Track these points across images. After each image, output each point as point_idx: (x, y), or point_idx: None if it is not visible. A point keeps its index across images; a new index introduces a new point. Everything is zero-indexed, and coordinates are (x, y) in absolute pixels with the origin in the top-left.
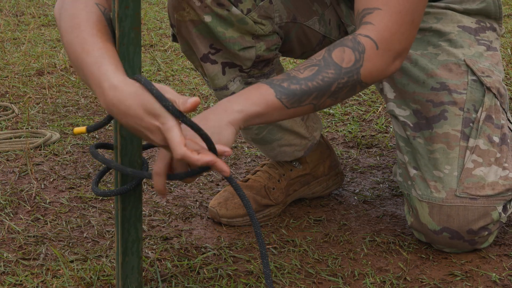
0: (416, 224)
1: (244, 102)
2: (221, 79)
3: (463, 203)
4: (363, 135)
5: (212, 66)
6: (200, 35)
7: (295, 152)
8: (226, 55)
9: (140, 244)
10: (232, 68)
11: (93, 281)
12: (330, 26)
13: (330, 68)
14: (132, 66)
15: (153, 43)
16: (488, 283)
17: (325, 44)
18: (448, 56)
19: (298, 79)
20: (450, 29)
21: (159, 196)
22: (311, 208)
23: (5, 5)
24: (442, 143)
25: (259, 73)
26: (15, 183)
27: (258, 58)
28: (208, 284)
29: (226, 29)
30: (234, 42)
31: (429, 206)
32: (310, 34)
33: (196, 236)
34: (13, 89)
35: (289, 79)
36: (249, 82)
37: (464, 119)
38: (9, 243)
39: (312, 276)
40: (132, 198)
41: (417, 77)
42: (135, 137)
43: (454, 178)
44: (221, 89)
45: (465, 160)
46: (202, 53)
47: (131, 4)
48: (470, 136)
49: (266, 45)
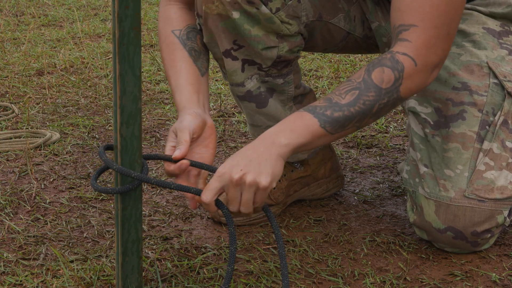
0: (419, 222)
1: (290, 135)
2: (239, 76)
3: (471, 204)
4: (363, 135)
5: (233, 62)
6: (226, 30)
7: (299, 154)
8: (247, 52)
9: (140, 244)
10: (252, 65)
11: (93, 281)
12: (354, 23)
13: (371, 90)
14: (132, 66)
15: (153, 43)
16: (488, 283)
17: (349, 40)
18: (471, 57)
19: (340, 106)
20: (474, 30)
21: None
22: (311, 208)
23: (5, 5)
24: (457, 143)
25: (277, 73)
26: (15, 183)
27: (279, 58)
28: (208, 284)
29: (252, 26)
30: (258, 40)
31: (436, 204)
32: (334, 31)
33: (196, 236)
34: (13, 89)
35: (331, 106)
36: (266, 81)
37: (482, 121)
38: (9, 243)
39: (312, 276)
40: (132, 198)
41: (439, 76)
42: (135, 137)
43: (465, 178)
44: (238, 85)
45: (478, 162)
46: (225, 48)
47: (131, 4)
48: (485, 138)
49: (289, 46)
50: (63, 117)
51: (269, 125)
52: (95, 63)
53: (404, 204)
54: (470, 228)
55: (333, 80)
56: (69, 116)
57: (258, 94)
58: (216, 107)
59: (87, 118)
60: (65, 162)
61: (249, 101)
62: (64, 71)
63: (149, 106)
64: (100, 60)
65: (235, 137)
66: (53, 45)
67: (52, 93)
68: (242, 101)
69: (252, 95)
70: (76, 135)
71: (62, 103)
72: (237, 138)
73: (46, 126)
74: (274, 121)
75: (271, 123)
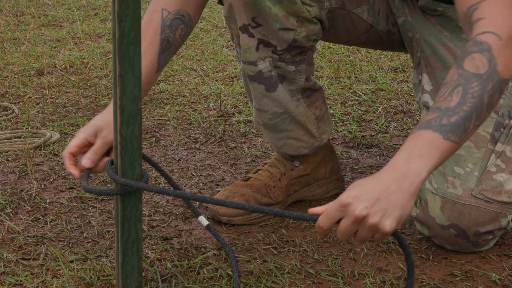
0: (422, 217)
1: (419, 161)
2: (253, 54)
3: (478, 204)
4: (363, 135)
5: (248, 39)
6: (246, 4)
7: (301, 148)
8: (264, 32)
9: (140, 244)
10: (266, 47)
11: (93, 281)
12: (378, 16)
13: (472, 81)
14: (132, 66)
15: None
16: (488, 283)
17: (372, 34)
18: None
19: (453, 109)
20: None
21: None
22: (311, 208)
23: (5, 5)
24: (470, 141)
25: (290, 59)
26: (15, 183)
27: (294, 43)
28: (208, 284)
29: (274, 5)
30: (277, 19)
31: (442, 200)
32: (357, 22)
33: (196, 236)
34: (13, 89)
35: (444, 113)
36: (278, 66)
37: (497, 122)
38: (9, 243)
39: (312, 276)
40: (132, 198)
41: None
42: (135, 137)
43: (474, 177)
44: (250, 63)
45: (489, 162)
46: (243, 22)
47: (131, 4)
48: (498, 140)
49: (306, 32)
50: (63, 117)
51: (275, 112)
52: (95, 63)
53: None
54: (474, 228)
55: (333, 80)
56: (69, 116)
57: (269, 77)
58: (216, 107)
59: (87, 118)
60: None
61: (259, 82)
62: (64, 71)
63: (149, 106)
64: (100, 60)
65: (235, 137)
66: (53, 45)
67: (52, 93)
68: (252, 82)
69: (263, 76)
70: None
71: (62, 103)
72: (237, 138)
73: (46, 126)
74: (280, 108)
75: (277, 109)
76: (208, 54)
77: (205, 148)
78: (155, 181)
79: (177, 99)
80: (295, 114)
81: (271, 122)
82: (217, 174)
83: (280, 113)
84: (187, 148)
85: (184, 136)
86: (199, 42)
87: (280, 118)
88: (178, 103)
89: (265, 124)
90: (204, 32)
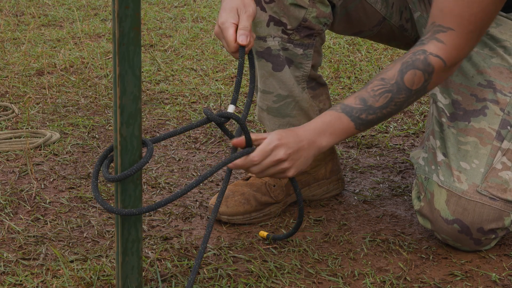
0: (426, 209)
1: (329, 139)
2: (263, 29)
3: (482, 200)
4: (363, 135)
5: (260, 12)
6: None
7: None
8: (276, 9)
9: (140, 244)
10: (277, 26)
11: (93, 281)
12: (392, 9)
13: (402, 93)
14: (132, 66)
15: (153, 43)
16: (488, 283)
17: (383, 28)
18: (502, 61)
19: (374, 109)
20: (506, 37)
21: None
22: (311, 208)
23: (5, 5)
24: (475, 137)
25: (299, 41)
26: (15, 183)
27: (304, 22)
28: (208, 284)
29: None
30: None
31: (448, 194)
32: (370, 12)
33: (196, 236)
34: (13, 89)
35: (366, 109)
36: (286, 48)
37: (503, 120)
38: (9, 243)
39: (312, 276)
40: (132, 198)
41: (467, 71)
42: (135, 137)
43: (480, 174)
44: (259, 38)
45: (495, 159)
46: None
47: (131, 4)
48: (505, 138)
49: (317, 13)
50: (63, 117)
51: (279, 94)
52: (95, 63)
53: (404, 204)
54: (477, 225)
55: (333, 80)
56: (69, 116)
57: (277, 55)
58: (216, 107)
59: (87, 118)
60: (65, 162)
61: (266, 59)
62: (64, 71)
63: (149, 106)
64: (100, 60)
65: (235, 137)
66: (53, 45)
67: (52, 93)
68: (259, 59)
69: (271, 54)
70: (76, 135)
71: (62, 103)
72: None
73: (46, 126)
74: (285, 91)
75: (282, 91)
76: (208, 54)
77: (205, 148)
78: (155, 181)
79: (177, 99)
80: (299, 99)
81: (275, 105)
82: (217, 174)
83: (285, 96)
84: (187, 148)
85: (184, 136)
86: (199, 42)
87: (284, 102)
88: (178, 103)
89: (268, 108)
90: (204, 32)
